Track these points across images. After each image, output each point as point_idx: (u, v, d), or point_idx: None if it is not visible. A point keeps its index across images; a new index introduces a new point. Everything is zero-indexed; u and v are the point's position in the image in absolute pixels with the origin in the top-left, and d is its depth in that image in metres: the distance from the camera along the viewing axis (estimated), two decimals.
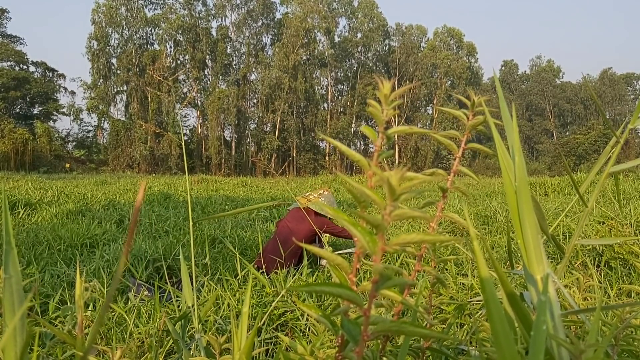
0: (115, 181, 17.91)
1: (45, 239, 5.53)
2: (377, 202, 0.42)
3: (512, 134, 0.60)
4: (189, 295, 0.89)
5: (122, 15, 42.62)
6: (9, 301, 0.38)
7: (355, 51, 49.91)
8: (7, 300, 0.38)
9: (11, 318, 0.37)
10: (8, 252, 0.39)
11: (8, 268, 0.39)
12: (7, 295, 0.38)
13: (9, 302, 0.38)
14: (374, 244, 0.42)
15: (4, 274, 0.39)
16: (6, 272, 0.39)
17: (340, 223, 0.48)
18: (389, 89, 0.52)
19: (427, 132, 0.64)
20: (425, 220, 0.46)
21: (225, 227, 6.57)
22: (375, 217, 0.40)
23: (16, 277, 0.38)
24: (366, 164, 0.50)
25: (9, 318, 0.37)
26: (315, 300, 2.77)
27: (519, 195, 0.52)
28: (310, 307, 0.54)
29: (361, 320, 0.46)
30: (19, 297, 0.38)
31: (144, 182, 0.41)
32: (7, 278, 0.38)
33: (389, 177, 0.40)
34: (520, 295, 0.85)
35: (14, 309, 0.37)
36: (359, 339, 0.45)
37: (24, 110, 44.58)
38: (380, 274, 0.42)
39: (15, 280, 0.38)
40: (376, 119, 0.54)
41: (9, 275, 0.38)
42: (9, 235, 0.40)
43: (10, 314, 0.37)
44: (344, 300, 0.45)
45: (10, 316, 0.37)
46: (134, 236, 5.96)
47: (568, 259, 0.82)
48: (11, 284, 0.38)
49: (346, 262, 0.49)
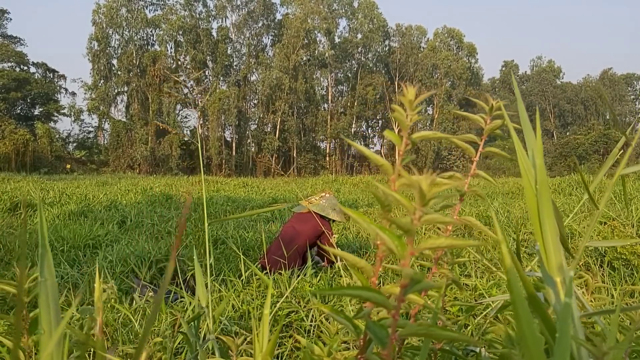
0: (116, 182, 17.92)
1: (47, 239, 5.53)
2: (408, 207, 0.43)
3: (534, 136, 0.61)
4: (202, 296, 0.89)
5: (122, 16, 42.63)
6: (45, 303, 0.38)
7: (355, 52, 49.92)
8: (43, 302, 0.38)
9: (47, 319, 0.37)
10: (43, 255, 0.40)
11: (43, 271, 0.39)
12: (43, 297, 0.38)
13: (45, 304, 0.38)
14: (403, 247, 0.42)
15: (40, 276, 0.40)
16: (42, 275, 0.40)
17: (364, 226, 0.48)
18: (413, 95, 0.53)
19: (448, 136, 0.65)
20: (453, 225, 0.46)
21: (227, 228, 6.58)
22: (406, 222, 0.41)
23: (51, 279, 0.38)
24: (390, 168, 0.51)
25: (45, 320, 0.37)
26: (319, 302, 2.77)
27: (540, 197, 0.53)
28: (328, 308, 0.55)
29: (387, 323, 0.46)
30: (54, 299, 0.39)
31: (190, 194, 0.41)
32: (42, 281, 0.39)
33: (420, 183, 0.41)
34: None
35: (50, 311, 0.38)
36: (386, 341, 0.45)
37: (25, 111, 44.59)
38: (410, 277, 0.43)
39: (51, 283, 0.38)
40: (401, 124, 0.54)
41: (44, 277, 0.39)
42: (44, 238, 0.41)
43: (47, 315, 0.38)
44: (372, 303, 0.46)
45: (47, 317, 0.37)
46: (137, 237, 5.97)
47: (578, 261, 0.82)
48: (47, 287, 0.39)
49: (369, 265, 0.49)
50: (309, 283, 2.96)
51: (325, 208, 4.14)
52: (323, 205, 4.16)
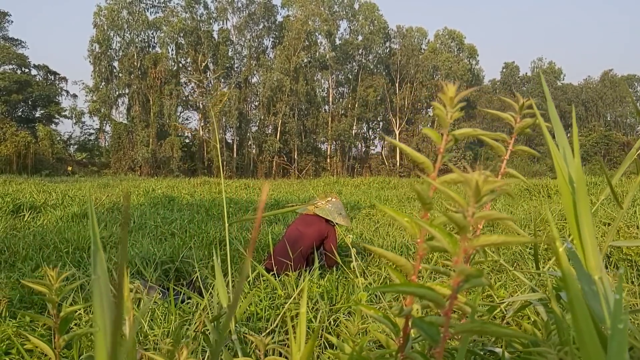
0: (118, 184, 17.93)
1: (52, 241, 5.53)
2: (462, 204, 0.43)
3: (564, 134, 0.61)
4: (223, 296, 0.89)
5: (123, 19, 42.70)
6: (99, 301, 0.38)
7: (356, 54, 49.96)
8: (97, 300, 0.38)
9: (102, 316, 0.37)
10: (96, 253, 0.40)
11: (97, 268, 0.39)
12: (97, 295, 0.38)
13: (99, 302, 0.38)
14: (455, 245, 0.42)
15: (93, 273, 0.39)
16: (95, 272, 0.39)
17: (403, 223, 0.48)
18: (454, 92, 0.53)
19: (486, 133, 0.65)
20: (511, 222, 0.46)
21: (230, 229, 6.58)
22: (460, 218, 0.41)
23: (104, 277, 0.38)
24: (430, 165, 0.51)
25: (99, 316, 0.37)
26: (327, 302, 2.77)
27: (577, 195, 0.53)
28: (370, 308, 0.55)
29: (436, 321, 0.46)
30: (107, 297, 0.39)
31: (267, 186, 0.41)
32: (95, 279, 0.39)
33: (474, 179, 0.41)
34: (558, 296, 0.85)
35: (104, 309, 0.38)
36: (438, 339, 0.45)
37: (26, 114, 44.65)
38: (466, 274, 0.42)
39: (104, 280, 0.38)
40: (441, 121, 0.54)
41: (97, 275, 0.39)
42: (95, 236, 0.41)
43: (101, 313, 0.37)
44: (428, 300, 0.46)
45: (101, 314, 0.37)
46: (140, 239, 5.97)
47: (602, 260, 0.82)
48: (100, 284, 0.38)
49: (409, 263, 0.49)
50: (317, 284, 2.96)
51: (331, 212, 4.16)
52: (329, 210, 4.18)
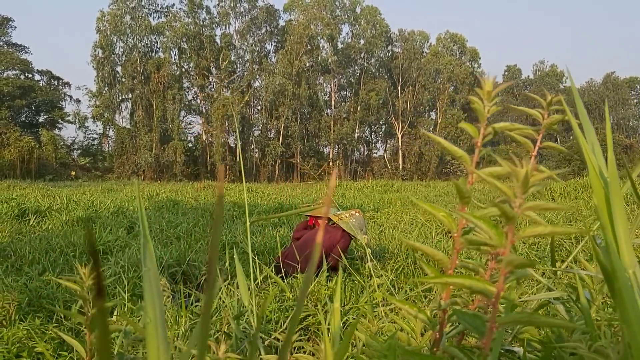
0: (122, 188, 17.97)
1: (58, 245, 5.55)
2: (509, 195, 0.43)
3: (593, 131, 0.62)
4: (245, 296, 0.90)
5: (126, 24, 42.87)
6: (149, 292, 0.39)
7: (358, 57, 50.04)
8: (148, 291, 0.39)
9: (153, 307, 0.38)
10: (145, 245, 0.40)
11: (146, 260, 0.40)
12: (147, 286, 0.39)
13: (150, 293, 0.38)
14: (501, 236, 0.42)
15: (143, 265, 0.40)
16: (145, 264, 0.40)
17: (444, 219, 0.48)
18: (491, 86, 0.53)
19: (524, 127, 0.65)
20: (560, 212, 0.46)
21: (236, 233, 6.59)
22: (509, 209, 0.41)
23: (153, 269, 0.38)
24: (468, 160, 0.51)
25: (150, 307, 0.38)
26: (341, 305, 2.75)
27: (611, 190, 0.53)
28: (404, 303, 0.55)
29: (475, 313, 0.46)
30: (156, 287, 0.39)
31: (335, 171, 0.41)
32: (146, 270, 0.39)
33: (522, 171, 0.41)
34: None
35: (154, 300, 0.38)
36: (484, 330, 0.46)
37: (30, 119, 44.79)
38: (515, 265, 0.43)
39: (153, 272, 0.39)
40: (479, 114, 0.55)
41: (147, 267, 0.39)
42: (144, 228, 0.41)
43: (152, 304, 0.38)
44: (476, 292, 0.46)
45: (152, 306, 0.38)
46: None
47: None
48: (150, 276, 0.39)
49: (446, 257, 0.50)
50: (325, 286, 2.96)
51: (355, 227, 4.17)
52: (353, 224, 4.20)
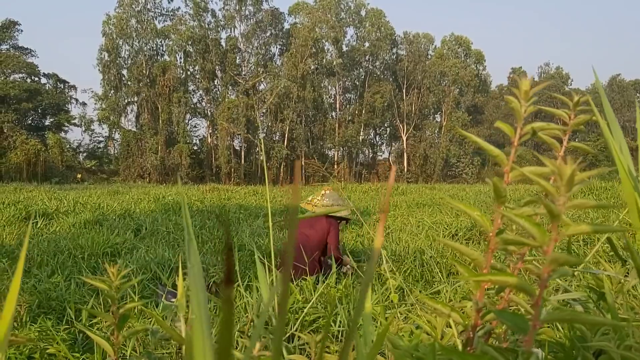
0: (128, 191, 18.01)
1: (66, 247, 5.57)
2: (553, 194, 0.44)
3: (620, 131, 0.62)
4: (266, 295, 0.91)
5: (132, 27, 43.09)
6: (195, 289, 0.40)
7: (363, 60, 50.08)
8: (193, 288, 0.40)
9: (198, 303, 0.39)
10: (189, 243, 0.41)
11: (190, 257, 0.40)
12: (193, 283, 0.40)
13: (195, 290, 0.39)
14: (544, 234, 0.43)
15: (188, 262, 0.41)
16: (189, 261, 0.41)
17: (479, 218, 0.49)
18: (528, 86, 0.54)
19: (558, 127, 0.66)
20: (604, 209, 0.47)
21: (242, 236, 6.60)
22: (554, 207, 0.42)
23: (197, 266, 0.39)
24: (504, 159, 0.52)
25: (195, 304, 0.39)
26: (346, 305, 2.77)
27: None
28: (438, 303, 0.56)
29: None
30: (201, 284, 0.40)
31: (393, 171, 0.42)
32: (191, 267, 0.40)
33: (569, 170, 0.42)
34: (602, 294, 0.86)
35: (199, 296, 0.39)
36: (527, 328, 0.46)
37: (36, 122, 45.06)
38: (562, 261, 0.43)
39: (197, 269, 0.39)
40: (516, 114, 0.55)
41: (192, 264, 0.40)
42: (188, 226, 0.42)
43: (197, 301, 0.39)
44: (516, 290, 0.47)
45: (197, 302, 0.39)
46: (154, 244, 6.00)
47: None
48: (194, 273, 0.40)
49: (481, 256, 0.51)
50: (335, 288, 2.96)
51: (330, 207, 3.87)
52: (327, 205, 3.90)
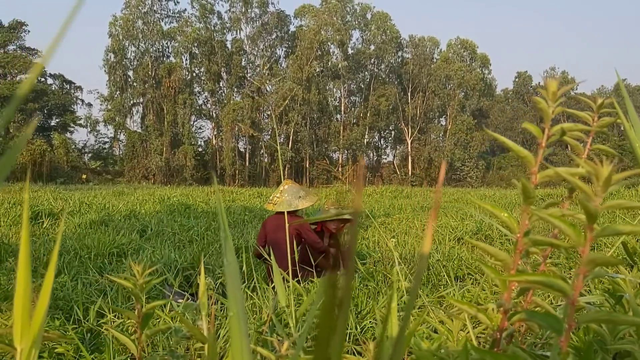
0: (133, 192, 18.06)
1: (72, 247, 5.58)
2: (589, 193, 0.44)
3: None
4: (282, 296, 0.91)
5: (138, 29, 43.26)
6: (232, 285, 0.39)
7: (368, 63, 50.09)
8: (230, 285, 0.39)
9: (235, 301, 0.38)
10: (226, 240, 0.41)
11: (227, 254, 0.40)
12: (229, 280, 0.39)
13: (232, 287, 0.39)
14: (579, 235, 0.43)
15: (225, 260, 0.41)
16: (226, 258, 0.41)
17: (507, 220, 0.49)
18: (556, 87, 0.54)
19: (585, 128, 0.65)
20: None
21: (248, 237, 6.60)
22: (592, 207, 0.42)
23: (234, 264, 0.39)
24: (532, 160, 0.52)
25: (232, 301, 0.38)
26: (353, 309, 2.76)
27: None
28: (464, 304, 0.55)
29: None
30: (237, 281, 0.40)
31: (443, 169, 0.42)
32: (227, 265, 0.40)
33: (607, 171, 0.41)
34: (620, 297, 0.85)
35: (236, 293, 0.39)
36: (561, 329, 0.46)
37: (42, 122, 45.27)
38: (597, 263, 0.43)
39: (234, 267, 0.39)
40: (544, 115, 0.55)
41: (228, 261, 0.40)
42: (224, 223, 0.42)
43: (234, 297, 0.39)
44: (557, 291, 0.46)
45: (234, 299, 0.38)
46: (159, 245, 6.00)
47: None
48: (231, 270, 0.40)
49: (509, 257, 0.50)
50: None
51: (290, 202, 3.73)
52: (288, 200, 3.75)
